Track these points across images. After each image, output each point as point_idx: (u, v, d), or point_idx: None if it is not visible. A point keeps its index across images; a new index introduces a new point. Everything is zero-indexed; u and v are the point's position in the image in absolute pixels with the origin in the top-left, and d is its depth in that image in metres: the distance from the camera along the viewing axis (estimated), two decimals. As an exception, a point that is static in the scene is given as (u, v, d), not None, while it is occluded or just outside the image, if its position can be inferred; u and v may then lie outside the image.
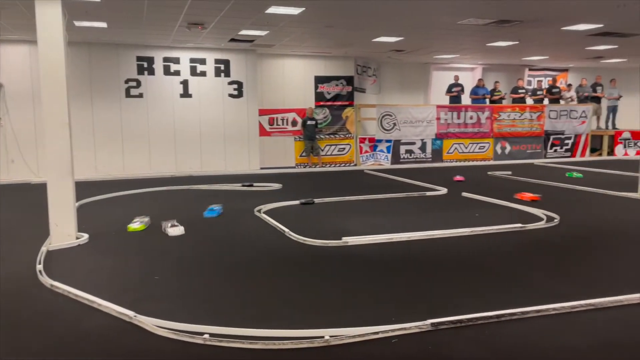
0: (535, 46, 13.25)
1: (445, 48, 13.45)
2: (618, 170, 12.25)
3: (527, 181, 10.73)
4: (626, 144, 16.28)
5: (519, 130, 15.43)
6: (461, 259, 5.15)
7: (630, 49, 13.48)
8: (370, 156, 14.43)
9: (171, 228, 6.15)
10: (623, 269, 4.78)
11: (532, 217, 6.93)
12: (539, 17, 9.53)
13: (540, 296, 3.93)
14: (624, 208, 7.90)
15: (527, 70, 17.80)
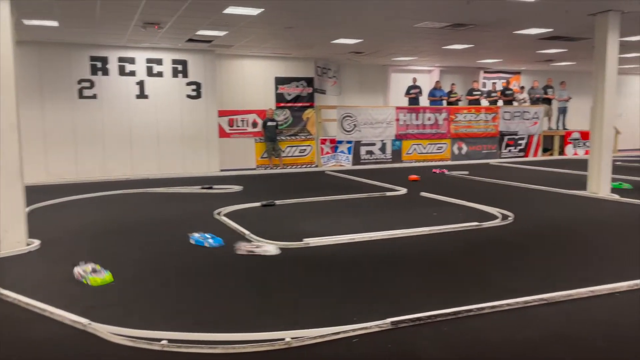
0: (489, 49, 13.65)
1: (403, 50, 13.68)
2: (568, 169, 12.75)
3: (483, 180, 11.02)
4: (575, 144, 16.98)
5: (475, 131, 15.84)
6: (420, 258, 5.24)
7: (578, 53, 14.06)
8: (331, 157, 14.49)
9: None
10: (573, 264, 4.97)
11: (487, 216, 7.11)
12: (492, 21, 9.83)
13: (496, 292, 4.03)
14: (574, 205, 8.23)
15: (482, 73, 18.32)
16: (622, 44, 12.13)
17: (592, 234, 6.30)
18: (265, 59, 14.33)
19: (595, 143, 9.23)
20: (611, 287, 4.11)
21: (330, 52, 13.69)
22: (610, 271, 4.57)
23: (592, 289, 4.04)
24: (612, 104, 9.09)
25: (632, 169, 13.08)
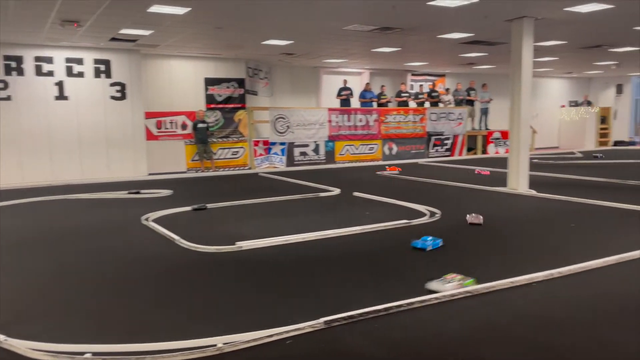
0: (415, 52, 14.12)
1: (333, 52, 13.85)
2: (491, 167, 13.44)
3: (412, 179, 11.38)
4: (497, 143, 17.95)
5: (404, 132, 16.33)
6: (353, 256, 5.31)
7: (498, 57, 14.86)
8: (264, 159, 14.41)
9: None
10: (496, 257, 5.24)
11: (417, 213, 7.34)
12: (417, 26, 10.17)
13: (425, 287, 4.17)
14: (496, 201, 8.68)
15: (409, 75, 18.92)
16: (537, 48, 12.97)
17: (512, 228, 6.67)
18: (195, 59, 14.01)
19: (514, 142, 9.79)
20: (529, 277, 4.36)
21: (262, 53, 13.61)
22: (528, 262, 4.85)
23: (512, 280, 4.26)
24: (528, 105, 9.67)
25: (548, 165, 14.01)
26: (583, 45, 13.69)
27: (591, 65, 18.98)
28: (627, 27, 10.86)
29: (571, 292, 4.15)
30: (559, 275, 4.47)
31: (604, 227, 6.47)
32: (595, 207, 7.71)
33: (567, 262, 4.74)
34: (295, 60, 15.03)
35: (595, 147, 21.32)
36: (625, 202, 7.81)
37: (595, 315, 3.69)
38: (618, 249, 5.13)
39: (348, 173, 13.13)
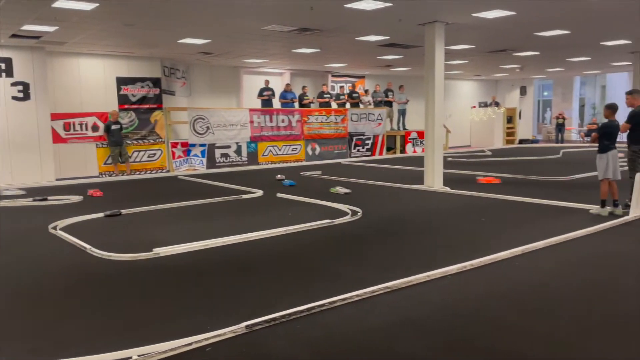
0: (335, 54, 14.33)
1: (253, 52, 13.72)
2: (409, 165, 13.93)
3: (335, 179, 11.53)
4: (414, 143, 18.64)
5: (327, 133, 16.52)
6: (276, 258, 5.27)
7: (413, 59, 15.43)
8: (184, 161, 13.98)
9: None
10: (414, 252, 5.42)
11: (339, 213, 7.44)
12: (335, 27, 10.31)
13: (347, 285, 4.21)
14: (414, 198, 9.00)
15: (330, 76, 19.18)
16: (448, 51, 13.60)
17: (427, 224, 6.94)
18: (105, 58, 13.31)
19: (429, 141, 10.21)
20: (443, 270, 4.55)
21: (178, 51, 13.19)
22: (443, 256, 5.06)
23: (427, 274, 4.42)
24: (441, 106, 10.12)
25: (461, 163, 14.76)
26: (490, 50, 14.56)
27: (498, 68, 20.25)
28: (529, 32, 11.68)
29: (483, 282, 4.37)
30: (471, 267, 4.70)
31: (511, 220, 6.90)
32: (503, 202, 8.21)
33: (479, 254, 5.00)
34: (214, 59, 14.72)
35: (502, 145, 22.75)
36: (530, 196, 8.39)
37: (505, 304, 3.91)
38: (524, 241, 5.48)
39: (271, 174, 13.05)
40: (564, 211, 7.32)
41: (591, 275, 4.57)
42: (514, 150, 19.65)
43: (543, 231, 5.93)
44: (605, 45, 14.05)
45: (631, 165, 7.14)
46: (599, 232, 6.04)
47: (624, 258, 5.09)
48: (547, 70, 22.30)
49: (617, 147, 7.01)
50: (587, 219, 6.66)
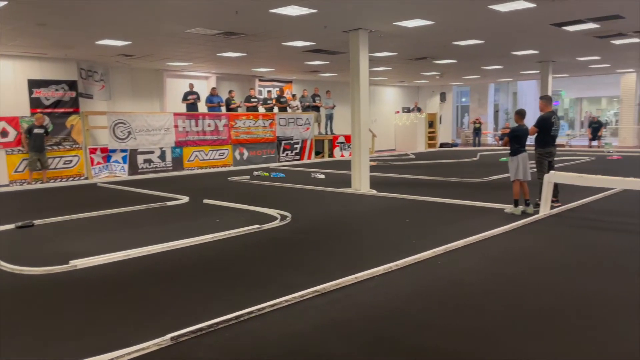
0: (261, 58, 14.27)
1: (177, 55, 13.36)
2: (337, 169, 14.14)
3: (263, 184, 11.46)
4: (342, 147, 18.95)
5: (255, 137, 16.40)
6: (203, 266, 5.15)
7: (339, 65, 15.70)
8: (103, 168, 13.33)
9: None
10: (342, 255, 5.48)
11: (268, 218, 7.40)
12: (261, 32, 10.28)
13: (276, 290, 4.19)
14: (342, 201, 9.14)
15: (257, 81, 19.07)
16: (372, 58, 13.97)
17: (356, 226, 7.07)
18: (15, 59, 12.43)
19: (355, 146, 10.42)
20: (371, 272, 4.65)
21: (96, 53, 12.57)
22: (370, 258, 5.17)
23: (355, 276, 4.50)
24: (367, 111, 10.37)
25: (387, 167, 15.18)
26: (411, 57, 15.13)
27: (419, 75, 21.08)
28: (447, 42, 12.26)
29: (408, 282, 4.51)
30: (397, 268, 4.84)
31: (434, 221, 7.19)
32: (426, 203, 8.53)
33: (404, 254, 5.16)
34: (135, 62, 14.17)
35: (425, 149, 23.67)
36: (450, 197, 8.79)
37: (429, 302, 4.06)
38: (445, 240, 5.72)
39: (198, 180, 12.76)
40: (482, 211, 7.73)
41: (507, 271, 4.86)
42: (436, 154, 20.52)
43: (463, 230, 6.22)
44: (515, 54, 15.04)
45: (539, 167, 7.69)
46: (513, 230, 6.43)
47: (536, 254, 5.45)
48: (464, 78, 23.52)
49: (527, 150, 7.51)
50: (502, 218, 7.07)
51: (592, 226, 6.71)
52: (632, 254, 5.30)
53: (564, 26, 10.47)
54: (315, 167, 15.14)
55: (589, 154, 17.86)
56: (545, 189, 7.19)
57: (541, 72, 17.32)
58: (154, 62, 14.52)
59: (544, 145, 7.69)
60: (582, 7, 8.82)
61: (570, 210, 7.59)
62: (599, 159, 16.03)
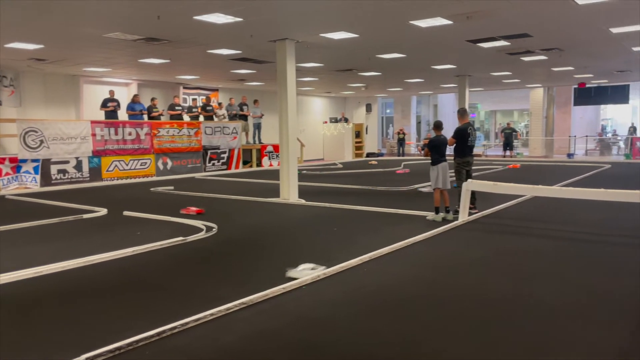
0: (186, 66, 13.95)
1: (95, 61, 12.74)
2: (265, 179, 14.05)
3: (189, 195, 11.14)
4: (270, 156, 18.89)
5: (179, 146, 15.93)
6: (123, 282, 4.89)
7: (266, 74, 15.66)
8: (13, 179, 12.37)
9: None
10: (270, 265, 5.42)
11: (193, 229, 7.18)
12: (185, 39, 10.04)
13: (201, 304, 4.06)
14: (270, 211, 9.07)
15: (182, 88, 18.61)
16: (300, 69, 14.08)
17: (284, 236, 7.04)
18: None
19: (284, 155, 10.42)
20: (299, 281, 4.63)
21: (4, 57, 11.69)
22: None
23: (283, 286, 4.46)
24: (295, 121, 10.40)
25: (315, 176, 15.29)
26: (338, 68, 15.41)
27: (346, 86, 21.53)
28: (371, 54, 12.62)
29: (336, 290, 4.54)
30: (325, 276, 4.86)
31: (360, 229, 7.31)
32: (353, 212, 8.67)
33: (332, 263, 5.19)
34: (49, 66, 13.34)
35: (352, 158, 24.14)
36: (376, 205, 8.99)
37: (356, 309, 4.10)
38: (371, 247, 5.83)
39: (118, 191, 12.18)
40: (405, 218, 7.97)
41: (429, 275, 5.02)
42: (362, 163, 20.97)
43: (388, 237, 6.37)
44: (435, 68, 15.77)
45: (458, 176, 8.07)
46: (434, 236, 6.68)
47: (456, 258, 5.69)
48: (388, 90, 24.32)
49: (447, 159, 7.85)
50: (425, 225, 7.33)
51: (506, 231, 7.12)
52: (543, 256, 5.67)
53: (479, 43, 11.12)
54: (243, 177, 14.95)
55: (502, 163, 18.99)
56: (463, 197, 7.54)
57: (459, 86, 18.27)
58: (69, 67, 13.75)
59: (462, 155, 8.08)
60: (495, 26, 9.42)
61: (487, 217, 8.01)
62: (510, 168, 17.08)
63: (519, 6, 7.96)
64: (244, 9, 7.82)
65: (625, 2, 7.74)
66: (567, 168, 16.81)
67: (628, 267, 5.13)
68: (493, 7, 7.96)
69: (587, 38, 10.96)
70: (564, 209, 8.41)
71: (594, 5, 7.93)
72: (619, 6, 7.99)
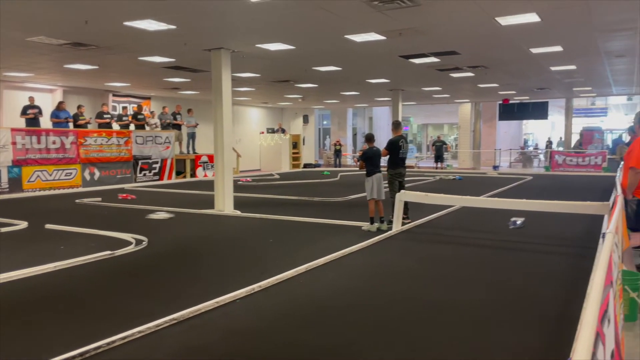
0: (116, 72, 13.45)
1: (16, 65, 12.01)
2: (199, 190, 13.73)
3: (118, 206, 10.67)
4: (205, 167, 18.50)
5: (108, 156, 15.26)
6: (43, 299, 4.58)
7: (201, 83, 15.40)
8: None
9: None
10: (203, 279, 5.29)
11: (121, 243, 6.88)
12: (115, 45, 9.68)
13: (129, 321, 3.87)
14: (204, 223, 8.86)
15: (111, 96, 17.90)
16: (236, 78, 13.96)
17: (218, 248, 6.89)
18: None
19: (219, 166, 10.24)
20: (233, 295, 4.53)
21: None
22: (233, 280, 5.06)
23: (216, 300, 4.35)
24: (230, 131, 10.27)
25: (251, 187, 15.14)
26: (274, 79, 15.43)
27: (282, 97, 21.58)
28: (308, 66, 12.73)
29: (270, 303, 4.48)
30: (260, 289, 4.79)
31: (296, 240, 7.30)
32: (289, 223, 8.65)
33: (267, 275, 5.13)
34: (-37, 69, 12.43)
35: (289, 169, 24.15)
36: (313, 216, 9.02)
37: (290, 321, 4.07)
38: (307, 258, 5.83)
39: (40, 203, 11.47)
40: (342, 229, 8.05)
41: (363, 284, 5.08)
42: (300, 174, 21.03)
43: (324, 248, 6.40)
44: (370, 82, 16.16)
45: (391, 187, 8.27)
46: (369, 246, 6.78)
47: (390, 266, 5.80)
48: (325, 102, 24.64)
49: (381, 171, 8.03)
50: (360, 235, 7.43)
51: (437, 240, 7.36)
52: (470, 263, 5.91)
53: (411, 58, 11.52)
54: (176, 188, 14.53)
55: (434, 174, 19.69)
56: (397, 207, 7.73)
57: (392, 100, 18.81)
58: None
59: (394, 166, 8.30)
60: (426, 43, 9.79)
61: (419, 226, 8.25)
62: (442, 179, 17.75)
63: (448, 25, 8.34)
64: (178, 17, 7.66)
65: (543, 25, 8.31)
66: (493, 179, 17.70)
67: (548, 272, 5.44)
68: (424, 25, 8.28)
69: (509, 57, 11.65)
70: (490, 218, 8.83)
71: (515, 27, 8.45)
72: (537, 28, 8.56)
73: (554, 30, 8.86)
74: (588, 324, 1.43)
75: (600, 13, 7.70)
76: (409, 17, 7.67)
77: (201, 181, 16.96)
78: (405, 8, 7.14)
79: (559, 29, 8.81)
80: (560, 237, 7.37)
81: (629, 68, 13.68)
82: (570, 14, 7.72)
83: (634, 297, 4.26)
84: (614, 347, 1.93)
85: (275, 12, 7.35)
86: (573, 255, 6.30)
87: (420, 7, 7.14)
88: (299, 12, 7.36)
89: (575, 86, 18.25)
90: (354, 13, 7.46)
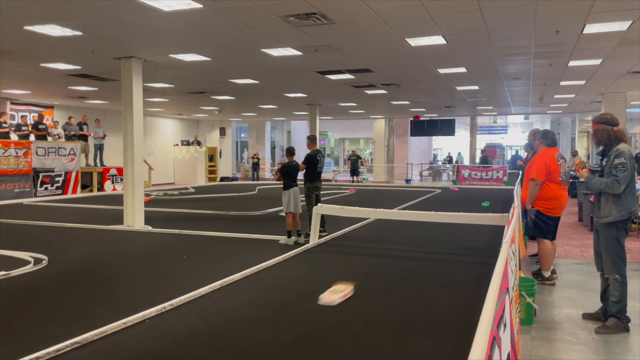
0: (14, 79, 12.50)
1: None
2: (107, 204, 13.01)
3: (13, 223, 9.84)
4: (114, 180, 17.59)
5: (5, 168, 14.06)
6: None
7: (110, 92, 14.69)
8: None
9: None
10: (110, 299, 4.99)
11: (18, 262, 6.33)
12: (13, 50, 9.00)
13: (27, 346, 3.56)
14: (112, 240, 8.40)
15: (9, 104, 16.57)
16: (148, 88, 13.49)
17: (127, 266, 6.54)
18: None
19: (128, 179, 9.78)
20: (142, 314, 4.31)
21: None
22: (143, 299, 4.82)
23: (124, 321, 4.12)
24: (141, 143, 9.86)
25: (164, 201, 14.58)
26: (189, 90, 15.09)
27: (198, 109, 21.14)
28: (224, 78, 12.58)
29: (182, 322, 4.31)
30: (171, 307, 4.61)
31: (212, 256, 7.12)
32: (205, 238, 8.42)
33: (179, 293, 4.94)
34: None
35: (205, 182, 23.60)
36: (230, 230, 8.86)
37: (203, 340, 3.94)
38: (223, 274, 5.69)
39: None
40: (259, 243, 7.97)
41: (279, 299, 5.05)
42: (216, 187, 20.60)
43: (240, 263, 6.29)
44: (287, 96, 16.29)
45: (308, 200, 8.34)
46: (286, 260, 6.77)
47: (307, 280, 5.82)
48: (242, 114, 24.45)
49: (298, 184, 8.08)
50: (278, 249, 7.40)
51: (353, 252, 7.51)
52: (385, 275, 6.08)
53: (327, 74, 11.77)
54: (81, 202, 13.66)
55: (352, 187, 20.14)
56: (314, 220, 7.81)
57: (310, 114, 19.07)
58: None
59: (311, 180, 8.39)
60: (340, 59, 10.06)
61: (336, 239, 8.38)
62: (359, 192, 18.19)
63: (361, 44, 8.62)
64: (84, 23, 7.27)
65: (449, 47, 8.85)
66: (406, 192, 18.42)
67: (459, 281, 5.73)
68: (339, 42, 8.50)
69: (419, 76, 12.27)
70: (403, 230, 9.16)
71: (423, 48, 8.93)
72: (444, 50, 9.11)
73: (458, 53, 9.46)
74: (483, 329, 1.53)
75: (499, 39, 8.35)
76: (324, 34, 7.85)
77: (109, 195, 16.10)
78: (320, 25, 7.30)
79: (462, 52, 9.42)
80: (466, 247, 7.81)
81: (525, 89, 14.93)
82: (472, 38, 8.29)
83: (530, 302, 4.60)
84: (510, 350, 2.07)
85: (189, 23, 7.21)
86: (477, 264, 6.69)
87: (335, 25, 7.34)
88: (214, 24, 7.27)
89: (478, 105, 19.59)
90: (270, 28, 7.51)
